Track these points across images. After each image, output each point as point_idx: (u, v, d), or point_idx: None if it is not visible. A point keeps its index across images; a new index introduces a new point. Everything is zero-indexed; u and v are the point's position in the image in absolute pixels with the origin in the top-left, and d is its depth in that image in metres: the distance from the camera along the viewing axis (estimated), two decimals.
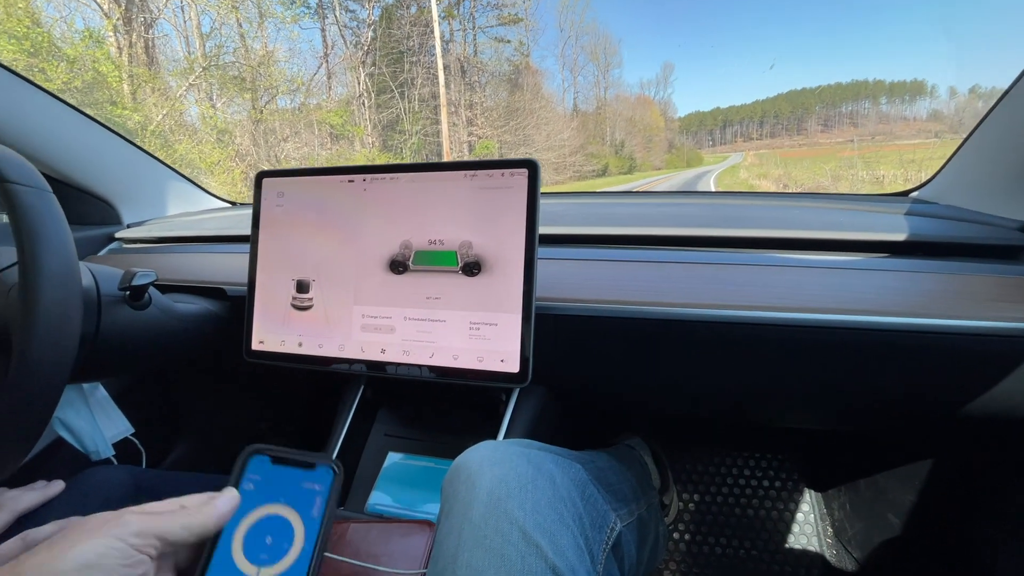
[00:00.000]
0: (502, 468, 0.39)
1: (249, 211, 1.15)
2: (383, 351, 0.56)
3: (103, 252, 0.98)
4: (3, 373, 0.47)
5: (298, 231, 0.61)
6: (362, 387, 0.71)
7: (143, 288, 0.59)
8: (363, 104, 14.17)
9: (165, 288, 0.74)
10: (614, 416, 1.02)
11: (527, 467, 0.40)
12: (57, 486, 0.49)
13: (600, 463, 0.55)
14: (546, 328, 0.57)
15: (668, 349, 0.62)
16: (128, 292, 0.58)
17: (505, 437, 0.59)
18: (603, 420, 1.00)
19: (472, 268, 0.54)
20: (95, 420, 0.70)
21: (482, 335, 0.53)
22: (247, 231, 0.93)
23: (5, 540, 0.43)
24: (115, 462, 0.70)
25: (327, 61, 14.10)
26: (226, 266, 0.82)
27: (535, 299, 0.52)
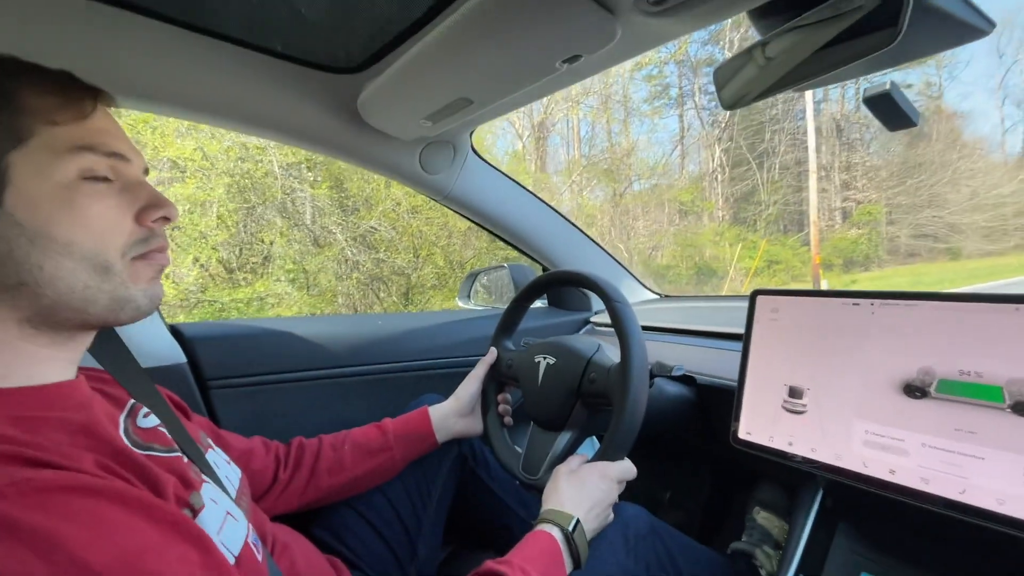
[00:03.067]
0: None
1: (672, 304, 1.37)
2: (892, 472, 0.58)
3: (582, 332, 1.35)
4: (603, 422, 0.73)
5: (791, 343, 0.70)
6: (821, 493, 0.73)
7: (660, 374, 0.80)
8: (715, 179, 14.35)
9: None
10: None
11: None
12: None
13: None
14: None
15: None
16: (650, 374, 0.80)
17: None
18: None
19: None
20: None
21: None
22: (691, 325, 1.11)
23: None
24: None
25: (682, 143, 15.07)
26: (686, 356, 1.00)
27: None
